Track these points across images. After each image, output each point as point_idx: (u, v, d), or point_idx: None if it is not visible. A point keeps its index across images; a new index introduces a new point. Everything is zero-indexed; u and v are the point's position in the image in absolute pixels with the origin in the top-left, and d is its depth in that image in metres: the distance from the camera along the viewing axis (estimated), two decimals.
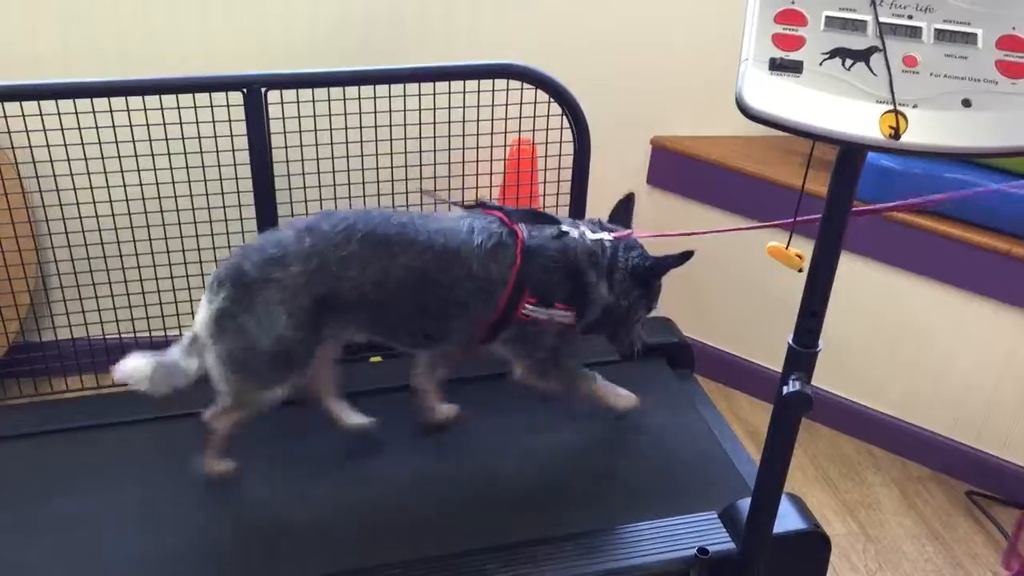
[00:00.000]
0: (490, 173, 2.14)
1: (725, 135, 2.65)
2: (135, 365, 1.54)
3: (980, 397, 2.34)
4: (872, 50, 1.00)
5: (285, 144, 2.00)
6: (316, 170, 2.06)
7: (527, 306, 1.59)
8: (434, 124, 2.04)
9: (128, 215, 2.01)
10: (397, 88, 1.98)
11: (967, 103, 0.98)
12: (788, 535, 1.50)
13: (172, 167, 2.00)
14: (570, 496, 1.66)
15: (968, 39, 1.01)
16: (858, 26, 1.02)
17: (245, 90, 1.87)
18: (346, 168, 2.06)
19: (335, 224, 1.54)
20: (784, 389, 1.23)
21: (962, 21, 1.01)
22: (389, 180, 2.09)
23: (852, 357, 2.48)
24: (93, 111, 1.86)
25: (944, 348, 2.36)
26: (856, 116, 0.98)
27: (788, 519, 1.52)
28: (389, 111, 2.00)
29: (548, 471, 1.73)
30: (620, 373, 1.86)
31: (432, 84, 2.00)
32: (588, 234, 1.63)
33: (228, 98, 1.90)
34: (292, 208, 2.05)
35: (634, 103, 2.57)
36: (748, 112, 0.99)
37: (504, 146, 2.14)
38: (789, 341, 1.24)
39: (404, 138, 2.04)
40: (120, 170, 1.96)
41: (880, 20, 1.01)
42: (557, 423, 1.83)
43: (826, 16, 1.02)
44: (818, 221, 1.17)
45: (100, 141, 1.90)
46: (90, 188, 1.95)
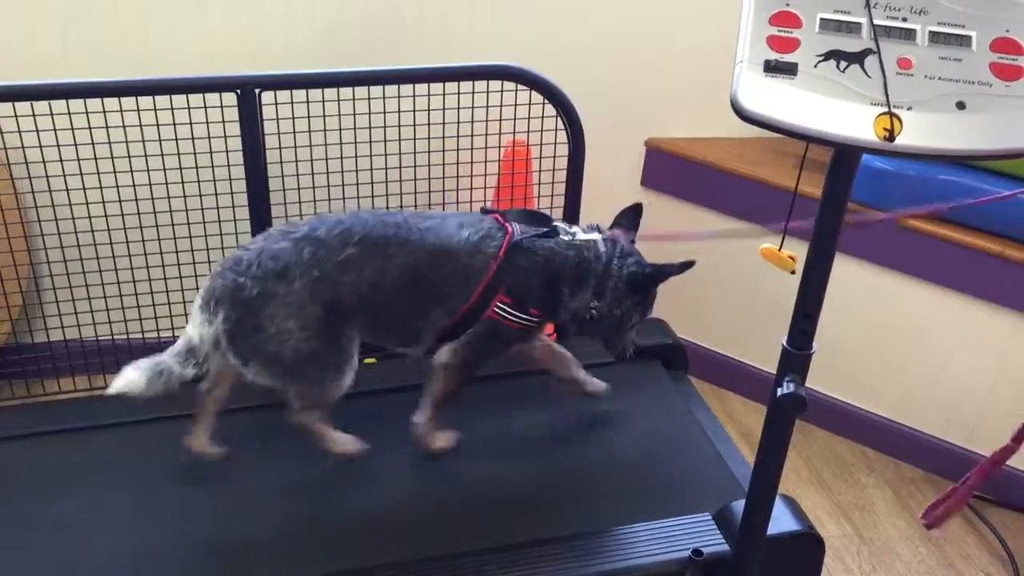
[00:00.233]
0: (484, 174, 2.14)
1: (720, 137, 2.65)
2: (129, 380, 1.51)
3: (974, 399, 2.35)
4: (867, 52, 1.00)
5: (279, 145, 1.99)
6: (310, 171, 2.05)
7: (500, 305, 1.58)
8: (428, 125, 2.04)
9: (121, 216, 2.00)
10: (391, 89, 1.98)
11: (961, 105, 0.98)
12: (782, 536, 1.50)
13: (166, 168, 1.99)
14: (564, 498, 1.66)
15: (962, 41, 1.01)
16: (853, 28, 1.02)
17: (239, 91, 1.86)
18: (340, 169, 2.06)
19: (331, 229, 1.53)
20: (778, 391, 1.23)
21: (956, 24, 1.02)
22: (383, 181, 2.09)
23: (846, 359, 2.49)
24: (86, 111, 1.85)
25: (938, 350, 2.36)
26: (851, 118, 0.98)
27: (782, 521, 1.52)
28: (383, 112, 2.00)
29: (542, 473, 1.73)
30: (614, 374, 1.86)
31: (427, 85, 2.00)
32: (580, 236, 1.62)
33: (222, 99, 1.90)
34: (286, 209, 2.05)
35: (629, 105, 2.57)
36: (743, 114, 0.99)
37: (498, 147, 2.14)
38: (783, 343, 1.24)
39: (398, 139, 2.04)
40: (113, 171, 1.95)
41: (874, 22, 1.01)
42: (550, 425, 1.83)
43: (821, 18, 1.02)
44: (813, 223, 1.18)
45: (93, 142, 1.89)
46: (83, 189, 1.95)
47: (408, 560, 1.47)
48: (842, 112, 0.98)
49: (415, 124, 2.03)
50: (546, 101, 2.01)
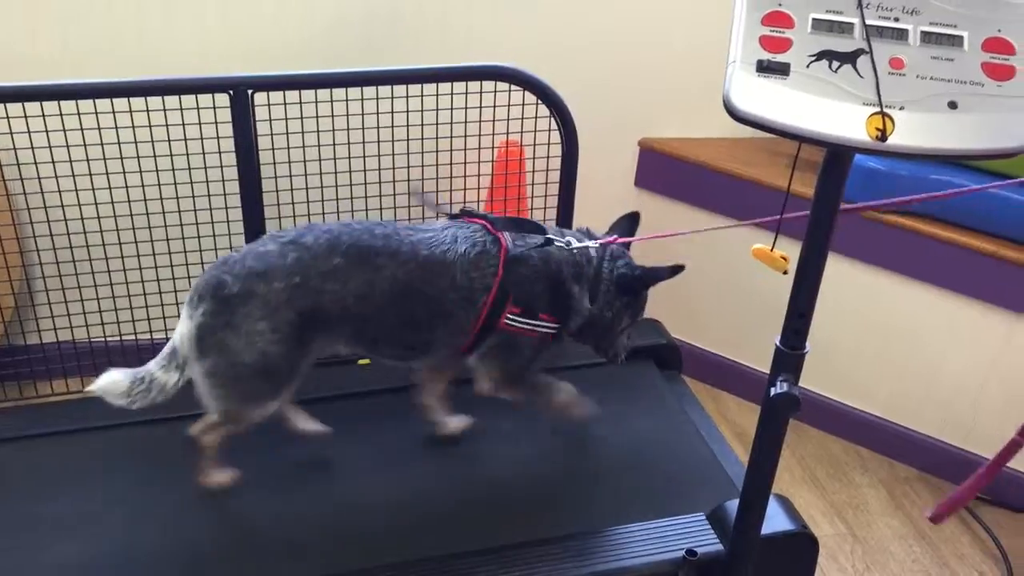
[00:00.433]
0: (478, 175, 2.14)
1: (713, 137, 2.65)
2: (110, 380, 1.51)
3: (968, 398, 2.35)
4: (859, 52, 1.01)
5: (272, 146, 1.99)
6: (303, 172, 2.05)
7: (510, 316, 1.58)
8: (422, 126, 2.04)
9: (114, 217, 1.99)
10: (384, 90, 1.98)
11: (953, 105, 0.98)
12: (776, 536, 1.50)
13: (158, 169, 1.98)
14: (558, 498, 1.66)
15: (954, 41, 1.01)
16: (845, 28, 1.02)
17: (231, 92, 1.86)
18: (333, 170, 2.05)
19: (318, 237, 1.52)
20: (772, 391, 1.23)
21: (948, 24, 1.02)
22: (377, 182, 2.09)
23: (840, 358, 2.49)
24: (78, 112, 1.84)
25: (932, 349, 2.37)
26: (843, 118, 0.98)
27: (776, 520, 1.52)
28: (377, 113, 2.00)
29: (536, 474, 1.73)
30: (608, 375, 1.86)
31: (420, 86, 2.00)
32: (574, 243, 1.62)
33: (215, 100, 1.89)
34: (279, 211, 2.04)
35: (622, 105, 2.57)
36: (735, 114, 0.99)
37: (492, 148, 2.14)
38: (776, 343, 1.24)
39: (392, 140, 2.04)
40: (105, 172, 1.94)
41: (867, 22, 1.01)
42: (545, 426, 1.82)
43: (813, 18, 1.02)
44: (802, 218, 1.18)
45: (85, 143, 1.89)
46: (75, 190, 1.94)
47: (404, 561, 1.47)
48: (834, 112, 0.98)
49: (408, 125, 2.03)
50: (539, 101, 2.01)
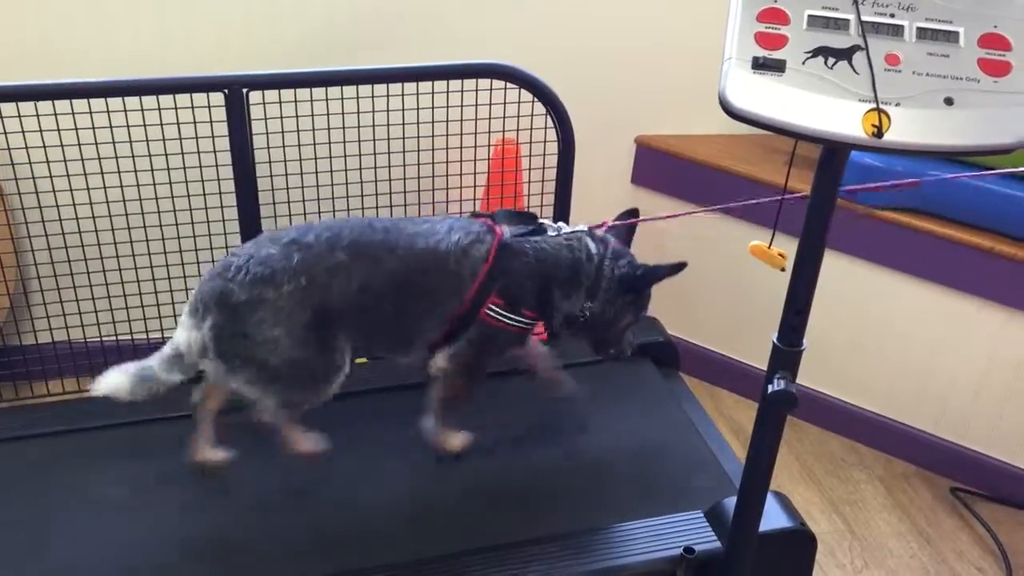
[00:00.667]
0: (474, 173, 2.14)
1: (709, 134, 2.65)
2: (113, 382, 1.50)
3: (964, 393, 2.36)
4: (854, 49, 1.00)
5: (267, 145, 1.98)
6: (299, 171, 2.04)
7: (492, 307, 1.57)
8: (417, 124, 2.03)
9: (109, 217, 1.99)
10: (380, 88, 1.97)
11: (949, 101, 0.98)
12: (774, 533, 1.50)
13: (153, 169, 1.98)
14: (555, 496, 1.66)
15: (950, 37, 1.01)
16: (840, 25, 1.02)
17: (226, 91, 1.85)
18: (329, 169, 2.05)
19: (319, 234, 1.52)
20: (769, 388, 1.23)
21: (944, 20, 1.02)
22: (373, 181, 2.08)
23: (837, 355, 2.49)
24: (72, 112, 1.84)
25: (928, 345, 2.37)
26: (839, 115, 0.98)
27: (774, 517, 1.52)
28: (372, 111, 1.99)
29: (533, 472, 1.73)
30: (605, 373, 1.86)
31: (416, 84, 1.99)
32: (565, 228, 1.61)
33: (209, 99, 1.89)
34: (275, 209, 2.04)
35: (618, 102, 2.57)
36: (731, 111, 0.99)
37: (488, 146, 2.14)
38: (774, 340, 1.24)
39: (387, 138, 2.03)
40: (100, 172, 1.94)
41: (862, 19, 1.01)
42: (541, 424, 1.82)
43: (808, 15, 1.02)
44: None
45: (80, 143, 1.88)
46: (70, 190, 1.94)
47: (402, 561, 1.47)
48: (830, 108, 0.98)
49: (404, 123, 2.02)
50: (535, 99, 2.00)
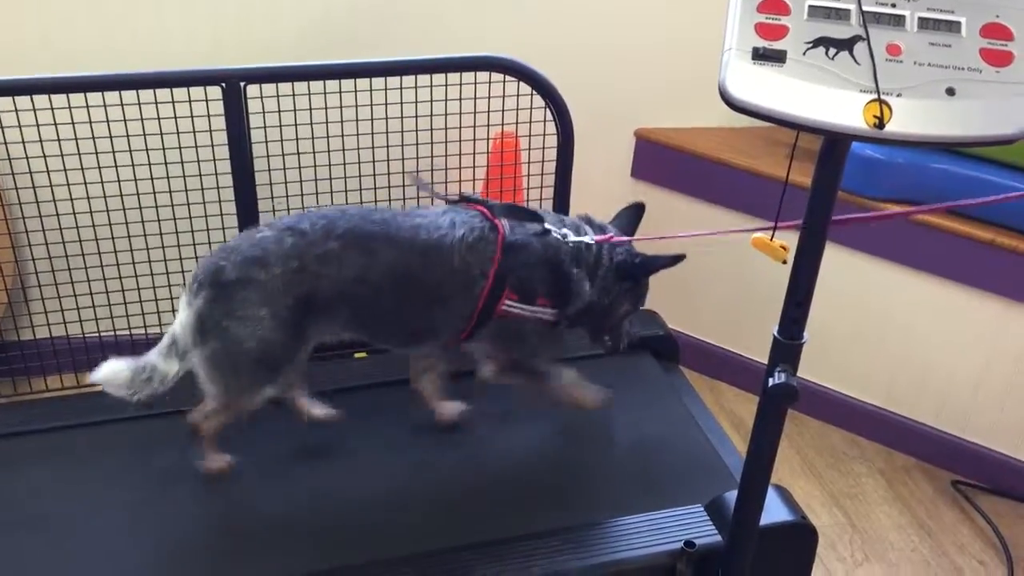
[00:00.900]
0: (473, 166, 2.13)
1: (709, 126, 2.64)
2: (113, 369, 1.51)
3: (965, 386, 2.35)
4: (856, 39, 0.99)
5: (265, 139, 1.98)
6: (297, 164, 2.04)
7: (507, 302, 1.58)
8: (416, 117, 2.03)
9: (107, 212, 1.98)
10: (378, 81, 1.97)
11: (951, 92, 0.97)
12: (775, 527, 1.50)
13: (151, 163, 1.97)
14: (556, 490, 1.66)
15: (952, 27, 1.00)
16: (841, 15, 1.01)
17: (224, 84, 1.84)
18: (327, 163, 2.04)
19: (315, 222, 1.52)
20: (770, 381, 1.22)
21: (946, 9, 1.01)
22: (371, 175, 2.08)
23: (838, 348, 2.48)
24: (69, 107, 1.83)
25: (929, 338, 2.36)
26: (840, 105, 0.97)
27: (774, 511, 1.52)
28: (371, 104, 1.98)
29: (533, 466, 1.72)
30: (605, 366, 1.86)
31: (414, 77, 1.98)
32: (571, 236, 1.61)
33: (207, 93, 1.88)
34: (273, 203, 2.03)
35: (617, 95, 2.56)
36: (731, 102, 0.98)
37: (487, 139, 2.13)
38: (774, 333, 1.23)
39: (386, 132, 2.03)
40: (98, 166, 1.93)
41: (864, 9, 1.00)
42: (541, 417, 1.82)
43: (809, 5, 1.01)
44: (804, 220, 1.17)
45: (77, 137, 1.87)
46: (67, 185, 1.93)
47: (400, 555, 1.47)
48: (831, 99, 0.97)
49: (403, 116, 2.02)
50: (534, 92, 1.99)
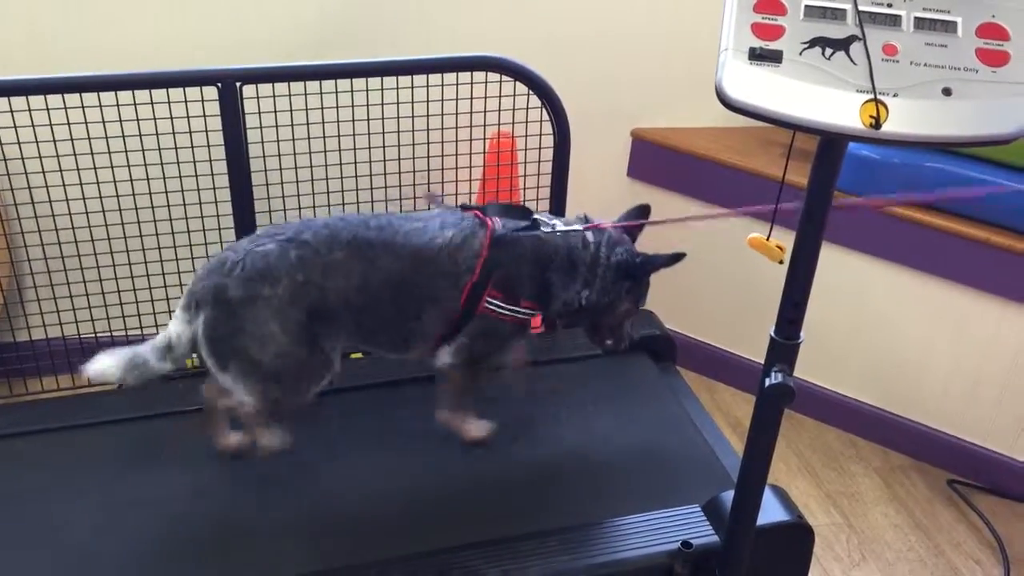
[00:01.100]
0: (469, 167, 2.13)
1: (706, 126, 2.64)
2: (105, 363, 1.49)
3: (961, 386, 2.36)
4: (852, 39, 0.99)
5: (261, 139, 1.97)
6: (293, 165, 2.03)
7: (490, 300, 1.56)
8: (412, 117, 2.02)
9: (102, 212, 1.98)
10: (375, 82, 1.97)
11: (947, 92, 0.97)
12: (772, 527, 1.49)
13: (147, 164, 1.97)
14: (552, 491, 1.66)
15: (948, 27, 1.00)
16: (837, 15, 1.01)
17: (219, 84, 1.84)
18: (324, 163, 2.04)
19: (317, 232, 1.51)
20: (766, 381, 1.22)
21: (942, 9, 1.01)
22: (368, 175, 2.08)
23: (834, 348, 2.49)
24: (65, 107, 1.83)
25: (926, 338, 2.37)
26: (836, 106, 0.97)
27: (771, 511, 1.51)
28: (367, 104, 1.98)
29: (529, 467, 1.72)
30: (601, 366, 1.86)
31: (410, 77, 1.98)
32: (559, 225, 1.60)
33: (203, 93, 1.88)
34: (269, 204, 2.03)
35: (614, 95, 2.56)
36: (728, 102, 0.98)
37: (483, 139, 2.13)
38: (771, 333, 1.23)
39: (382, 132, 2.03)
40: (94, 167, 1.93)
41: (860, 8, 1.00)
42: (538, 419, 1.82)
43: (805, 5, 1.01)
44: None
45: (72, 138, 1.87)
46: (63, 186, 1.93)
47: (398, 555, 1.47)
48: (828, 99, 0.97)
49: (399, 116, 2.01)
50: (531, 92, 2.00)
